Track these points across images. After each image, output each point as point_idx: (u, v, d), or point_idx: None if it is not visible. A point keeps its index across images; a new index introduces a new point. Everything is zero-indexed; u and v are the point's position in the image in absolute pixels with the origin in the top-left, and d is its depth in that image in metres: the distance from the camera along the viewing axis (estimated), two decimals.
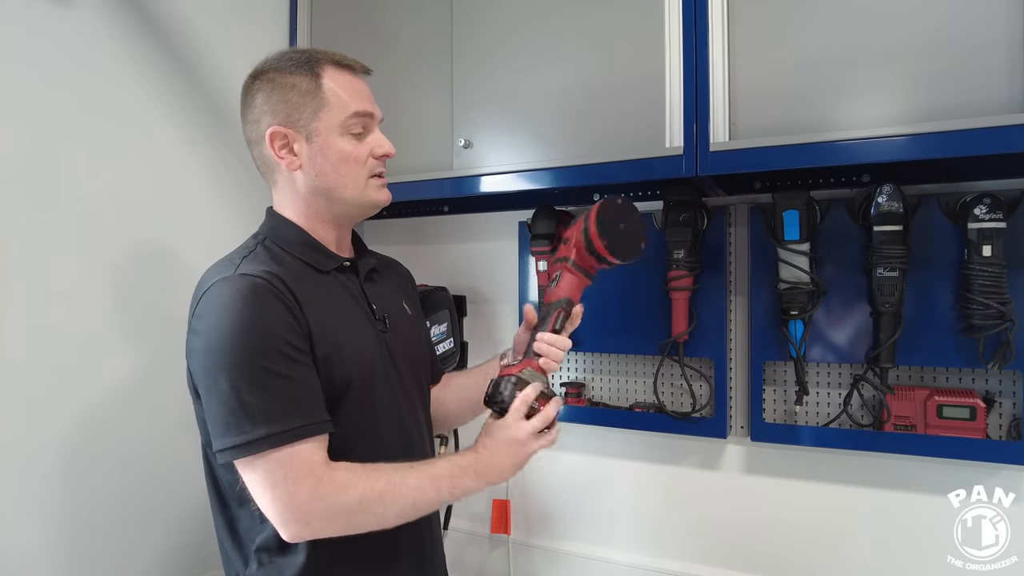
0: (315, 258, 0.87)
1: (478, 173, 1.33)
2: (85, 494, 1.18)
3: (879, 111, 1.02)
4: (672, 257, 1.31)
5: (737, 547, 1.39)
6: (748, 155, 1.08)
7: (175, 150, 1.36)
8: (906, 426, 1.18)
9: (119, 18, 1.25)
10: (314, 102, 0.84)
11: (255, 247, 0.85)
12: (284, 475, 0.73)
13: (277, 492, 0.74)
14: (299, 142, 0.85)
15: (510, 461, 0.86)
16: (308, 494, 0.74)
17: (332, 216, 0.90)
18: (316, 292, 0.83)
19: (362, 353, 0.85)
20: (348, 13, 1.54)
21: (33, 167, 1.11)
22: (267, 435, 0.72)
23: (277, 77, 0.85)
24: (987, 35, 0.95)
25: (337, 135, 0.85)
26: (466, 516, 1.68)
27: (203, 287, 0.79)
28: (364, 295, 0.92)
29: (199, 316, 0.78)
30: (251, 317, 0.74)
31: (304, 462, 0.74)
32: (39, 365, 1.12)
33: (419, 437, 0.95)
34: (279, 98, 0.84)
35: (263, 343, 0.74)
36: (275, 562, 0.82)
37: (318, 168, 0.85)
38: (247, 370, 0.74)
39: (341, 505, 0.75)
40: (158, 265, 1.32)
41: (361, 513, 0.76)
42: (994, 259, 1.09)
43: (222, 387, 0.73)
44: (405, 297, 1.02)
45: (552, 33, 1.27)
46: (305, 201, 0.88)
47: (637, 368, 1.48)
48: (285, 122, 0.84)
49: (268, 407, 0.73)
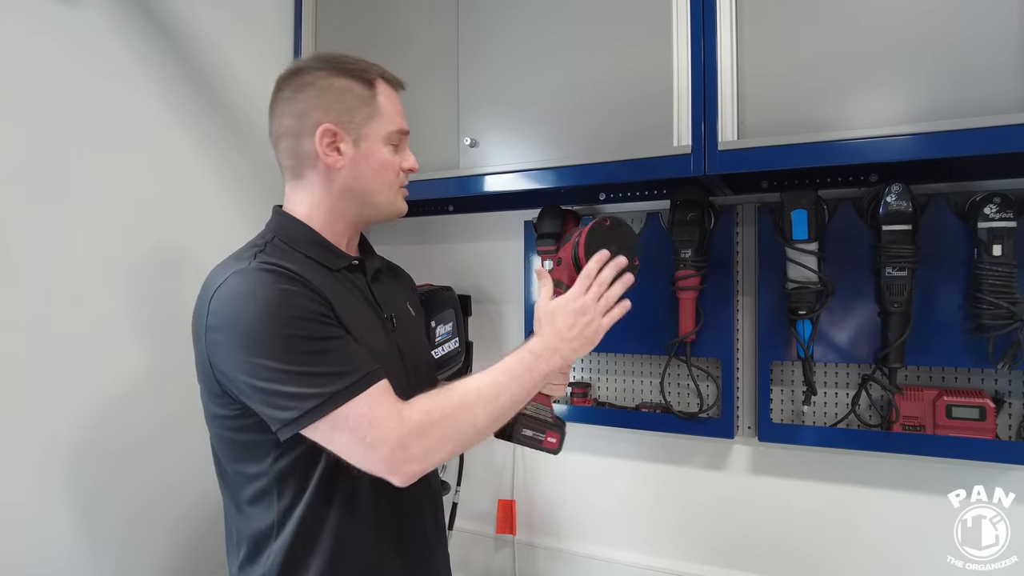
0: (325, 257, 0.88)
1: (484, 172, 1.33)
2: (91, 494, 1.18)
3: (888, 110, 1.02)
4: (679, 257, 1.31)
5: (744, 547, 1.38)
6: (757, 154, 1.07)
7: (180, 148, 1.36)
8: (915, 426, 1.18)
9: (123, 16, 1.25)
10: (368, 109, 0.88)
11: (264, 245, 0.85)
12: (368, 421, 0.74)
13: (366, 440, 0.74)
14: (346, 143, 0.87)
15: (577, 333, 0.87)
16: (394, 424, 0.75)
17: (355, 218, 0.92)
18: (330, 288, 0.84)
19: (375, 349, 0.86)
20: (352, 10, 1.54)
21: (37, 166, 1.11)
22: (333, 392, 0.73)
23: (333, 77, 0.87)
24: (996, 34, 0.95)
25: (381, 144, 0.90)
26: (471, 516, 1.68)
27: (214, 284, 0.79)
28: (372, 294, 0.93)
29: (216, 312, 0.77)
30: (276, 298, 0.75)
31: (380, 404, 0.76)
32: (44, 365, 1.12)
33: None
34: (335, 97, 0.87)
35: (295, 316, 0.75)
36: (286, 555, 0.82)
37: (359, 171, 0.88)
38: (289, 344, 0.74)
39: (428, 421, 0.76)
40: (163, 264, 1.32)
41: (452, 420, 0.78)
42: (1004, 258, 1.08)
43: (271, 367, 0.73)
44: (408, 300, 1.03)
45: (560, 32, 1.26)
46: (333, 200, 0.89)
47: (644, 368, 1.48)
48: (337, 121, 0.86)
49: (323, 370, 0.74)
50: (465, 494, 1.68)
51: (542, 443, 0.95)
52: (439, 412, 0.77)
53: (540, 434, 0.94)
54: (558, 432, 0.97)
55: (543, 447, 0.96)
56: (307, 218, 0.89)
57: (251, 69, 1.49)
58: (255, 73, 1.50)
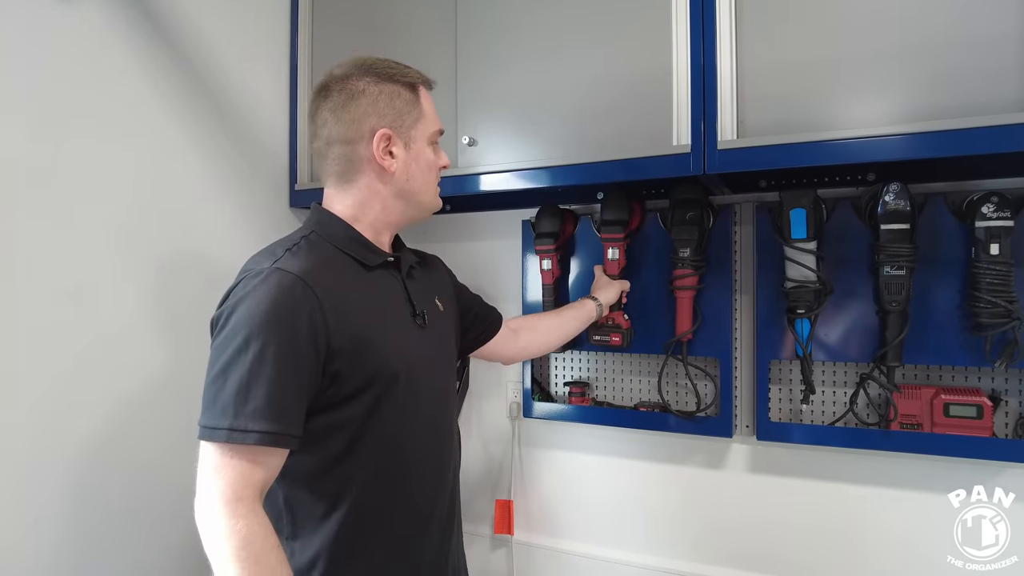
0: (362, 254, 0.91)
1: (482, 171, 1.32)
2: (97, 495, 1.18)
3: (885, 110, 1.02)
4: (678, 256, 1.31)
5: (742, 546, 1.38)
6: (756, 153, 1.07)
7: (178, 146, 1.35)
8: (913, 425, 1.18)
9: (120, 13, 1.23)
10: (415, 111, 0.93)
11: (299, 240, 0.87)
12: (225, 470, 0.74)
13: (209, 480, 0.74)
14: (398, 146, 0.91)
15: None
16: (220, 504, 0.73)
17: (400, 218, 0.96)
18: (354, 288, 0.87)
19: (401, 347, 0.89)
20: (350, 7, 1.53)
21: (35, 166, 1.10)
22: (231, 428, 0.74)
23: (381, 83, 0.91)
24: (994, 33, 0.95)
25: (426, 144, 0.95)
26: (469, 516, 1.67)
27: (243, 273, 0.83)
28: (406, 291, 0.95)
29: (227, 298, 0.81)
30: (267, 315, 0.76)
31: (241, 477, 0.74)
32: (50, 368, 1.12)
33: (448, 429, 1.00)
34: (387, 102, 0.90)
35: (268, 340, 0.76)
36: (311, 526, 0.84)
37: (411, 173, 0.93)
38: (245, 359, 0.75)
39: (215, 537, 0.73)
40: (166, 266, 1.31)
41: (216, 554, 0.73)
42: (1002, 257, 1.08)
43: (220, 365, 0.76)
44: (439, 294, 1.06)
45: (559, 30, 1.26)
46: (383, 202, 0.93)
47: (642, 367, 1.48)
48: (391, 125, 0.90)
49: (247, 401, 0.75)
50: (462, 494, 1.67)
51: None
52: (225, 546, 0.72)
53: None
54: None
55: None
56: (351, 219, 0.92)
57: (249, 66, 1.48)
58: (253, 71, 1.50)
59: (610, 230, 1.37)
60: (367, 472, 0.85)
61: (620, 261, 1.38)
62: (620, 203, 1.36)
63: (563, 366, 1.57)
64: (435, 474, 0.96)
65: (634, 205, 1.39)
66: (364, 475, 0.85)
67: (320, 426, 0.82)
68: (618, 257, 1.37)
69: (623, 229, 1.36)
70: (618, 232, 1.36)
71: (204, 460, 0.75)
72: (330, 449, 0.83)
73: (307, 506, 0.84)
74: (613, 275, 1.37)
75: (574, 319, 1.30)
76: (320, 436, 0.82)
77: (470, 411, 1.70)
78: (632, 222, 1.38)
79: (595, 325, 1.36)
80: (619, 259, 1.37)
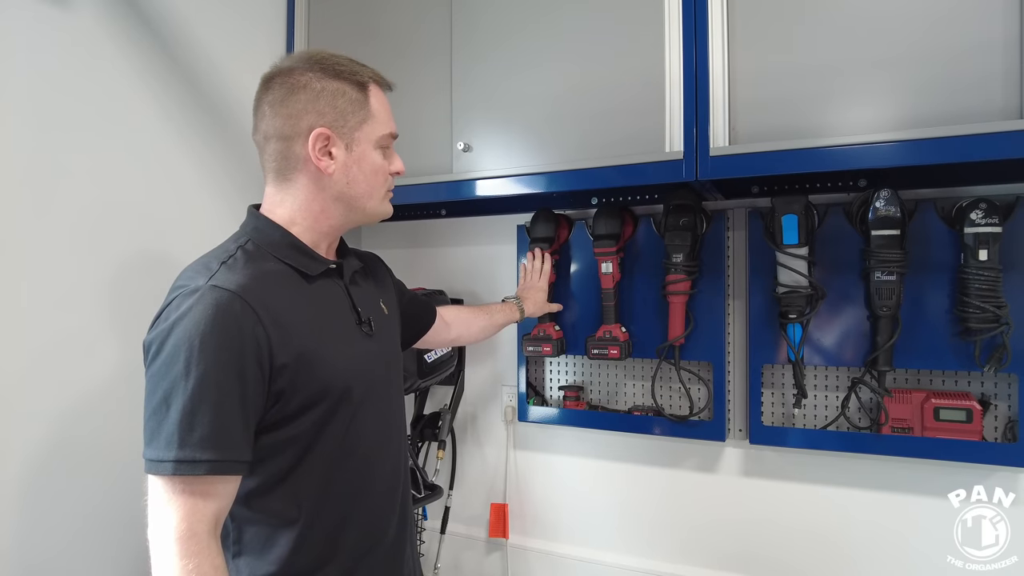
0: (302, 262, 0.85)
1: (477, 177, 1.33)
2: (50, 501, 1.16)
3: (876, 117, 1.03)
4: (671, 261, 1.32)
5: (736, 550, 1.39)
6: (748, 160, 1.08)
7: (171, 151, 1.35)
8: (904, 428, 1.19)
9: (116, 19, 1.24)
10: (361, 112, 0.87)
11: (235, 251, 0.82)
12: (175, 504, 0.71)
13: (161, 514, 0.71)
14: (338, 147, 0.86)
15: None
16: (170, 536, 0.71)
17: (341, 222, 0.90)
18: (296, 301, 0.82)
19: (348, 359, 0.85)
20: (346, 12, 1.54)
21: (28, 169, 1.10)
22: (177, 460, 0.70)
23: (325, 79, 0.85)
24: (982, 42, 0.97)
25: (372, 148, 0.89)
26: (464, 520, 1.68)
27: (175, 291, 0.78)
28: (350, 298, 0.91)
29: (161, 317, 0.76)
30: (206, 337, 0.72)
31: (194, 510, 0.71)
32: (28, 367, 1.11)
33: (397, 437, 0.97)
34: (328, 101, 0.84)
35: (210, 363, 0.72)
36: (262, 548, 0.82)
37: (351, 176, 0.87)
38: (187, 385, 0.71)
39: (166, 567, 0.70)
40: (152, 267, 1.30)
41: None
42: (990, 263, 1.10)
43: (160, 393, 0.72)
44: (383, 297, 1.02)
45: (553, 37, 1.27)
46: (321, 205, 0.87)
47: (636, 371, 1.49)
48: (331, 125, 0.85)
49: (193, 429, 0.71)
50: (457, 498, 1.68)
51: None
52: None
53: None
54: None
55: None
56: (288, 222, 0.87)
57: (245, 69, 1.48)
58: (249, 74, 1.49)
59: (603, 244, 1.39)
60: (315, 490, 0.82)
61: (615, 275, 1.38)
62: (612, 217, 1.38)
63: (558, 370, 1.57)
64: (386, 484, 0.92)
65: (626, 216, 1.41)
66: (312, 492, 0.82)
67: (264, 445, 0.78)
68: (612, 271, 1.38)
69: (615, 243, 1.39)
70: (610, 246, 1.38)
71: (153, 494, 0.72)
72: (274, 468, 0.80)
73: (252, 524, 0.81)
74: (608, 288, 1.40)
75: (503, 324, 1.38)
76: (264, 455, 0.78)
77: (465, 415, 1.70)
78: (624, 233, 1.40)
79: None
80: (613, 272, 1.38)
